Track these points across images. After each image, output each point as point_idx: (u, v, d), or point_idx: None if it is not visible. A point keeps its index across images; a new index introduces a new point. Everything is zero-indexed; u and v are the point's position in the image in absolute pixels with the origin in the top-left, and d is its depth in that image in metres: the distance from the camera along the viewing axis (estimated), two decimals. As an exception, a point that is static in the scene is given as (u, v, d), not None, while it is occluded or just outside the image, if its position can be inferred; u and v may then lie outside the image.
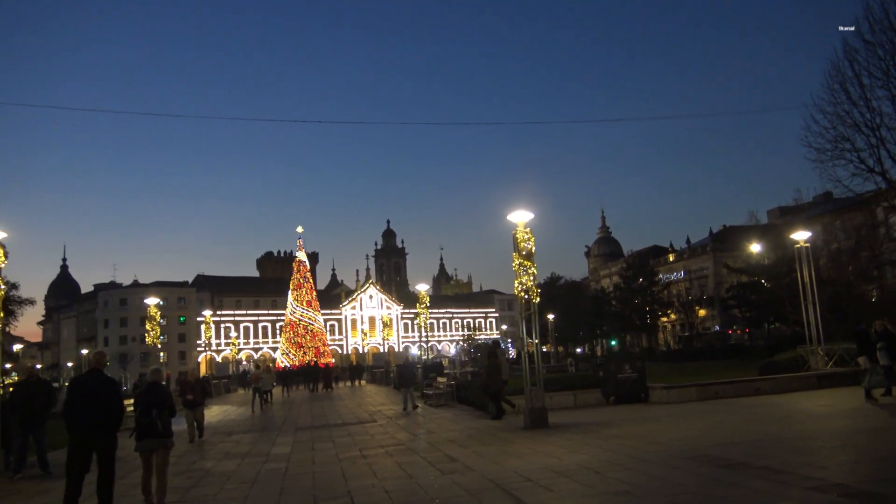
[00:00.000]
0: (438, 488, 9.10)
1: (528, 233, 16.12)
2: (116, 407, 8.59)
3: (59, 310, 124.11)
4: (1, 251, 14.65)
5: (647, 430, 13.80)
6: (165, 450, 8.99)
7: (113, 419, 8.48)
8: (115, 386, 8.92)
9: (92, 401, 8.38)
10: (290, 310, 71.60)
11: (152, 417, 8.78)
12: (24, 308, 37.77)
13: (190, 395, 17.24)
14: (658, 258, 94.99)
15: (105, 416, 8.38)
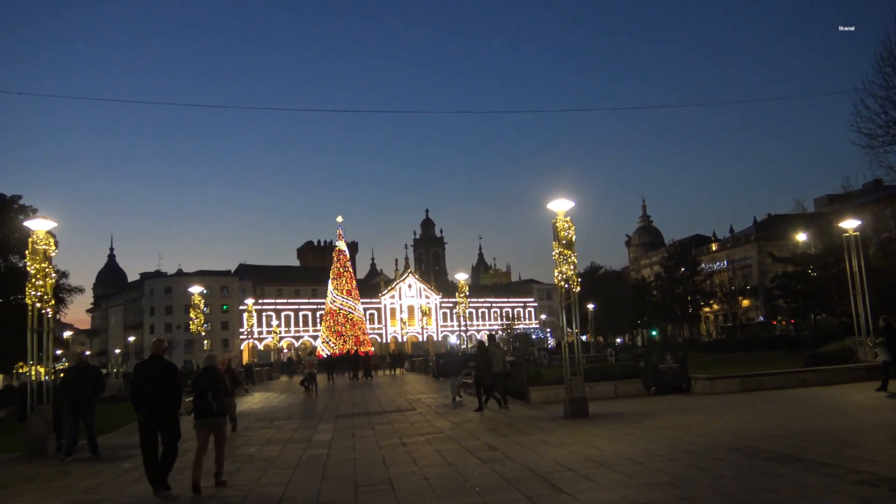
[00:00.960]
0: (478, 476, 9.12)
1: (568, 222, 16.00)
2: (175, 388, 9.35)
3: (106, 298, 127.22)
4: (51, 241, 15.04)
5: (689, 421, 13.63)
6: (220, 428, 9.64)
7: (172, 399, 9.29)
8: (174, 369, 9.71)
9: (154, 383, 9.18)
10: (330, 299, 72.30)
11: (208, 399, 9.39)
12: (73, 296, 38.69)
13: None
14: (700, 247, 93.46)
15: (165, 396, 9.16)
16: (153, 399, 9.14)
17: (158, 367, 9.38)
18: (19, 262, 31.96)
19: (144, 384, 9.28)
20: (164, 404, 9.20)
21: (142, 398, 9.21)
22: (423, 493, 8.30)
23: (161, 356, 9.60)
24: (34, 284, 14.41)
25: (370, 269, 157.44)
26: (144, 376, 9.38)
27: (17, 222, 30.73)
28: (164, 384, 9.21)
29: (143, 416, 9.23)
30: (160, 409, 9.17)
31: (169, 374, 9.38)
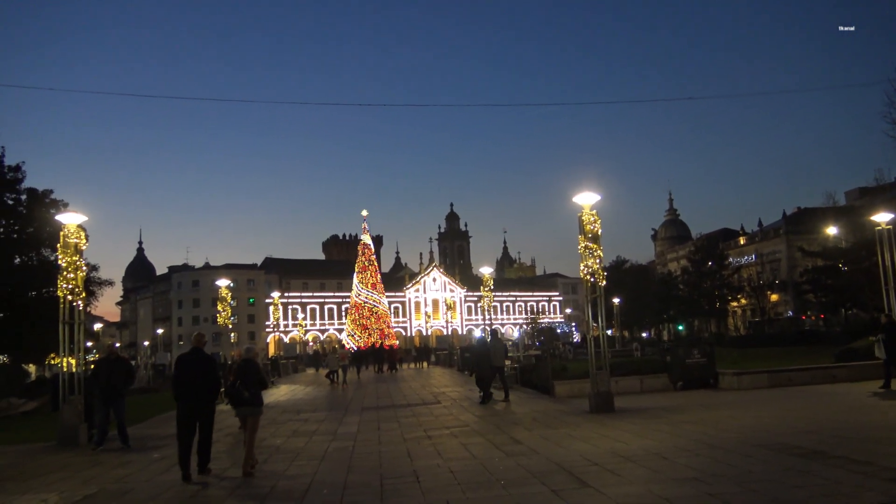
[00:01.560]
0: (503, 470, 9.11)
1: (594, 215, 15.90)
2: (214, 380, 10.05)
3: (135, 291, 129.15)
4: (82, 234, 15.27)
5: (716, 417, 13.49)
6: (255, 417, 10.18)
7: (211, 390, 9.95)
8: (213, 362, 10.31)
9: (194, 374, 9.79)
10: (355, 292, 72.70)
11: (237, 388, 10.02)
12: (103, 289, 39.25)
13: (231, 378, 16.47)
14: (728, 241, 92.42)
15: (205, 387, 9.81)
16: (194, 390, 9.69)
17: (199, 360, 9.97)
18: (51, 255, 32.52)
19: (186, 376, 9.81)
20: (204, 395, 9.80)
21: (183, 389, 9.73)
22: (448, 486, 8.31)
23: (201, 349, 10.21)
24: (65, 277, 14.66)
25: (395, 262, 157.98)
26: (186, 368, 9.90)
27: (49, 216, 31.25)
28: (204, 376, 9.81)
29: (183, 406, 9.75)
30: (200, 399, 9.74)
31: (209, 367, 9.99)
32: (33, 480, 10.35)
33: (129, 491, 9.10)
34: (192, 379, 9.76)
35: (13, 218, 33.84)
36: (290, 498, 8.20)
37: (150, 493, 8.85)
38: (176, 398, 9.84)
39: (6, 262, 31.28)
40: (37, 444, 14.77)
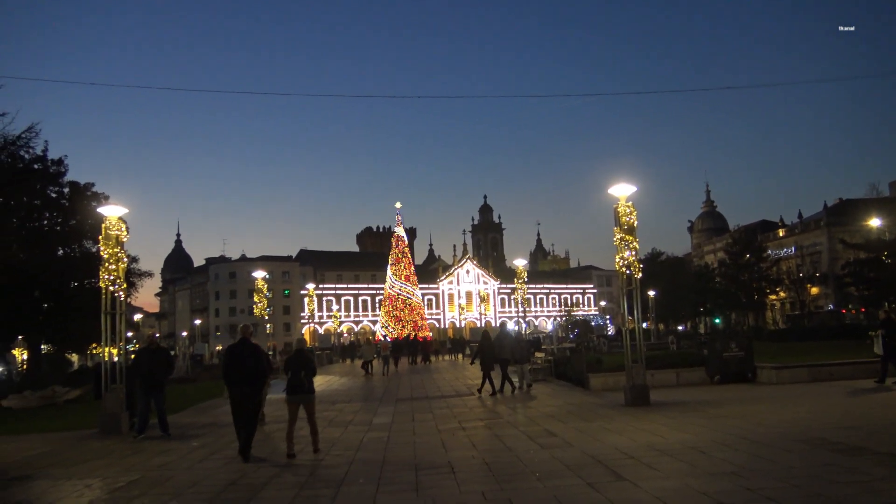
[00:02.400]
0: (538, 462, 9.10)
1: (629, 207, 15.75)
2: (261, 368, 10.62)
3: (174, 282, 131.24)
4: (123, 226, 15.56)
5: (755, 411, 13.30)
6: (310, 403, 10.76)
7: (258, 377, 10.59)
8: (260, 351, 10.80)
9: (243, 363, 10.46)
10: (388, 284, 72.99)
11: (300, 377, 10.56)
12: (143, 280, 39.95)
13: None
14: (767, 233, 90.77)
15: (253, 375, 10.47)
16: (242, 378, 10.40)
17: (247, 350, 10.58)
18: (92, 247, 33.21)
19: (235, 365, 10.50)
20: (252, 383, 10.46)
21: (233, 377, 10.48)
22: (483, 477, 8.32)
23: (249, 339, 10.79)
24: (107, 268, 14.96)
25: (428, 254, 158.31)
26: (235, 358, 10.58)
27: (91, 209, 31.90)
28: (251, 365, 10.46)
29: (234, 393, 10.51)
30: (248, 386, 10.42)
31: (256, 356, 10.58)
32: (77, 466, 10.61)
33: (169, 478, 9.28)
34: (241, 367, 10.43)
35: (56, 211, 34.61)
36: (326, 486, 8.29)
37: (191, 480, 9.02)
38: (227, 385, 10.66)
39: (50, 254, 32.02)
40: (80, 432, 15.14)
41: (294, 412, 10.65)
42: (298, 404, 10.67)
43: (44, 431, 15.72)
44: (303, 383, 10.60)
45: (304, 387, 10.62)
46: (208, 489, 8.44)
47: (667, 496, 6.84)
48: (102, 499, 8.27)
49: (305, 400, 10.71)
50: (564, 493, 7.22)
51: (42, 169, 33.27)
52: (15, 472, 10.36)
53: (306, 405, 10.74)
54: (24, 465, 10.99)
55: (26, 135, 29.89)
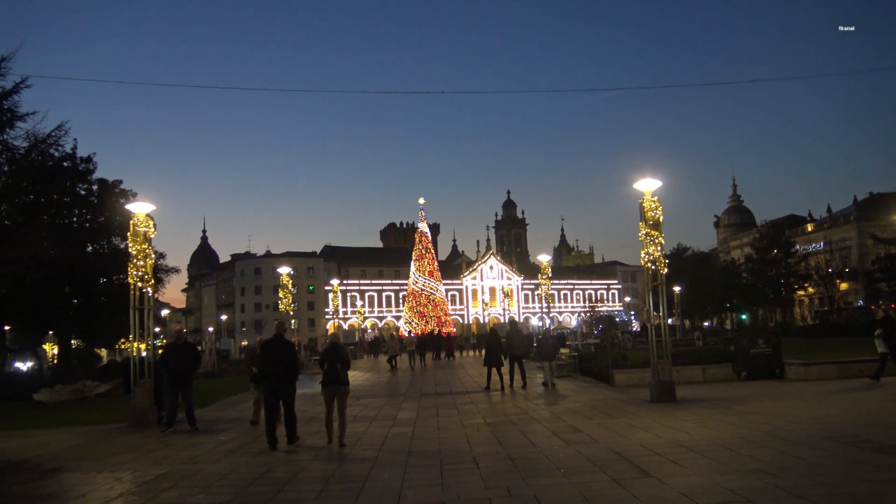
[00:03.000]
0: (563, 458, 9.07)
1: (655, 201, 15.61)
2: (294, 363, 11.20)
3: (200, 278, 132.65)
4: (150, 223, 15.74)
5: (783, 408, 13.15)
6: (344, 394, 11.10)
7: (292, 372, 11.07)
8: (293, 347, 11.46)
9: (277, 358, 10.98)
10: (412, 280, 73.15)
11: (337, 369, 10.94)
12: (170, 276, 40.41)
13: (256, 368, 13.84)
14: (795, 228, 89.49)
15: (287, 369, 10.96)
16: (277, 372, 10.89)
17: (281, 345, 11.12)
18: (120, 243, 33.67)
19: (270, 359, 11.06)
20: (286, 376, 10.92)
21: (267, 371, 11.05)
22: (508, 473, 8.32)
23: (282, 335, 11.32)
24: (135, 265, 15.16)
25: (452, 250, 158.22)
26: (269, 353, 11.15)
27: (119, 206, 32.34)
28: (285, 359, 10.98)
29: (268, 386, 11.09)
30: (282, 380, 10.89)
31: (289, 351, 11.20)
32: (108, 459, 10.78)
33: (198, 471, 9.39)
34: (275, 362, 10.93)
35: (85, 208, 35.10)
36: (351, 480, 8.34)
37: (219, 473, 9.12)
38: (262, 379, 11.28)
39: (79, 250, 32.50)
40: (110, 426, 15.38)
41: (330, 402, 11.05)
42: (334, 395, 11.01)
43: (74, 425, 15.99)
44: (339, 375, 10.98)
45: (339, 379, 10.98)
46: (236, 482, 8.54)
47: (693, 493, 6.79)
48: (132, 491, 8.40)
49: (340, 391, 11.02)
50: (590, 490, 7.19)
51: (71, 167, 33.77)
52: (48, 465, 10.56)
53: (339, 397, 11.02)
54: (56, 458, 11.19)
55: (56, 133, 30.26)
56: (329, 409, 11.13)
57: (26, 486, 8.96)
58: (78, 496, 8.27)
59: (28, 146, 29.26)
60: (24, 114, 28.16)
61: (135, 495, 8.16)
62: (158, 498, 7.91)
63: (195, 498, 7.82)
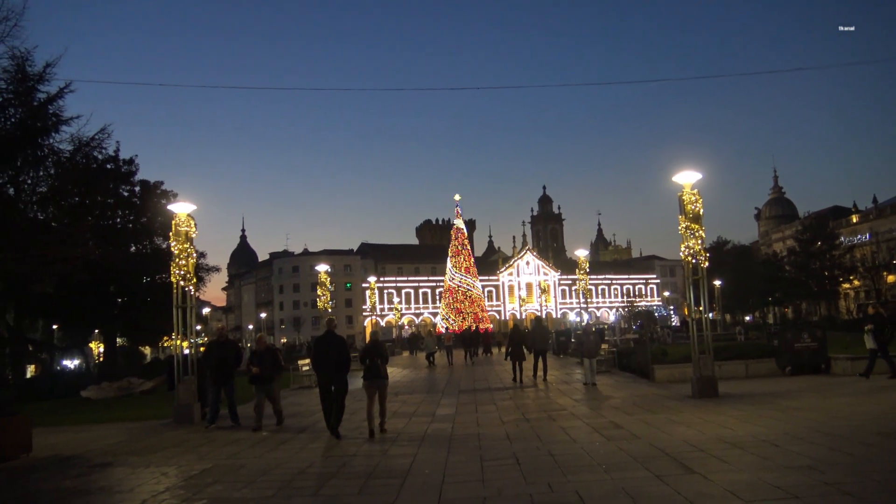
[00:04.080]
0: (604, 454, 9.00)
1: (695, 194, 15.38)
2: (345, 356, 11.90)
3: (239, 276, 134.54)
4: (192, 222, 15.99)
5: (830, 404, 12.86)
6: (384, 387, 11.87)
7: (343, 365, 11.83)
8: (344, 342, 12.12)
9: (329, 352, 11.67)
10: (448, 276, 73.22)
11: (377, 364, 11.68)
12: (211, 275, 41.14)
13: (256, 368, 13.41)
14: (839, 219, 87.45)
15: (338, 363, 11.70)
16: (329, 365, 11.64)
17: (332, 340, 11.79)
18: (162, 243, 34.28)
19: (322, 353, 11.74)
20: (337, 369, 11.69)
21: (320, 365, 11.80)
22: (548, 469, 8.28)
23: (333, 331, 11.98)
24: (178, 264, 15.42)
25: (488, 246, 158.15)
26: (322, 347, 11.82)
27: (161, 206, 32.93)
28: (336, 354, 11.67)
29: (321, 378, 11.92)
30: (334, 373, 11.66)
31: (340, 346, 11.86)
32: (153, 455, 11.00)
33: (241, 466, 9.53)
34: (327, 356, 11.63)
35: (128, 209, 35.81)
36: (392, 476, 8.38)
37: (261, 469, 9.24)
38: (315, 372, 12.19)
39: (123, 250, 33.18)
40: (155, 422, 15.71)
41: (372, 395, 11.71)
42: (375, 388, 11.69)
43: (121, 421, 16.36)
44: (379, 370, 11.68)
45: (380, 373, 11.69)
46: (279, 477, 8.64)
47: (739, 490, 6.68)
48: (178, 486, 8.55)
49: (381, 384, 11.74)
50: (632, 486, 7.12)
51: (114, 169, 34.49)
52: (97, 460, 10.82)
53: (380, 389, 11.77)
54: (104, 453, 11.46)
55: (99, 136, 31.00)
56: (371, 402, 11.71)
57: (77, 480, 9.19)
58: (126, 490, 8.45)
59: (73, 149, 30.04)
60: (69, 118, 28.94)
61: (181, 489, 8.31)
62: (204, 492, 8.04)
63: (240, 493, 7.94)
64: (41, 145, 28.63)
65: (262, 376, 13.36)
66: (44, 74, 27.29)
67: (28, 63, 26.58)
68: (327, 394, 11.78)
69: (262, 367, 13.37)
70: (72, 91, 28.61)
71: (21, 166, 27.98)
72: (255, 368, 13.36)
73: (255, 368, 13.34)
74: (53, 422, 16.69)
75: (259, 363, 13.39)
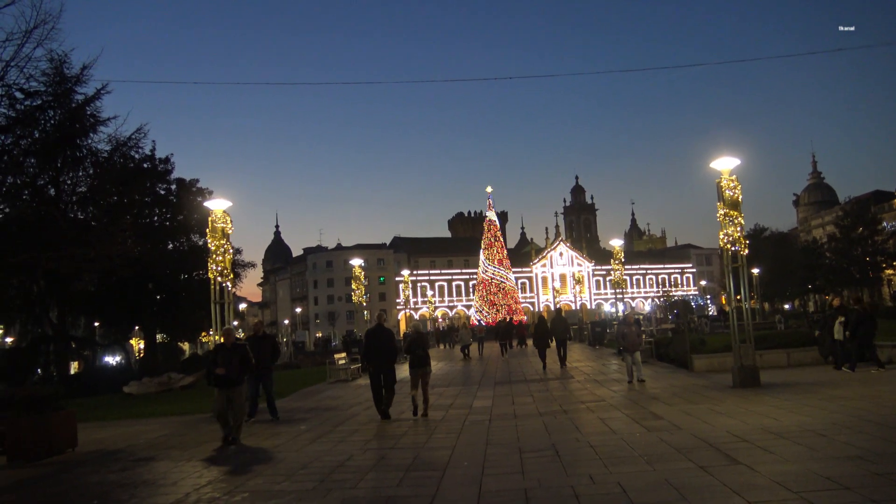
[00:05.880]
0: (645, 445, 8.87)
1: (733, 181, 15.08)
2: (393, 347, 13.12)
3: (274, 272, 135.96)
4: (228, 219, 16.12)
5: (878, 392, 12.54)
6: (426, 374, 13.06)
7: (392, 355, 13.09)
8: (392, 334, 13.31)
9: (379, 344, 12.81)
10: (482, 268, 73.17)
11: (420, 353, 12.94)
12: (246, 271, 41.62)
13: (221, 370, 11.15)
14: (881, 204, 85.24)
15: (388, 353, 12.90)
16: (380, 355, 12.75)
17: (382, 332, 12.93)
18: (199, 240, 34.73)
19: (373, 344, 12.84)
20: (388, 359, 12.86)
21: (372, 355, 12.85)
22: (589, 460, 8.18)
23: (382, 325, 13.07)
24: (215, 260, 15.56)
25: (520, 238, 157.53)
26: (373, 339, 12.94)
27: (197, 204, 33.35)
28: (386, 345, 12.84)
29: (372, 367, 12.84)
30: (385, 362, 12.77)
31: (389, 338, 13.01)
32: (194, 448, 11.14)
33: (281, 460, 9.60)
34: (378, 346, 12.74)
35: (165, 207, 36.37)
36: (432, 468, 8.36)
37: (301, 462, 9.29)
38: (368, 361, 13.04)
39: (161, 248, 33.71)
40: (195, 416, 15.92)
41: (415, 381, 12.97)
42: (419, 375, 12.91)
43: (162, 416, 16.61)
44: (422, 358, 12.88)
45: (423, 360, 12.89)
46: (318, 471, 8.67)
47: (787, 481, 6.52)
48: (220, 479, 8.64)
49: (424, 372, 12.94)
50: (676, 477, 6.99)
51: (151, 168, 35.04)
52: (140, 454, 10.99)
53: (424, 376, 12.94)
54: (147, 447, 11.64)
55: (136, 136, 31.52)
56: (413, 386, 13.03)
57: (122, 474, 9.34)
58: (170, 483, 8.56)
59: (110, 149, 30.59)
60: (106, 119, 29.48)
61: (223, 483, 8.39)
62: (245, 486, 8.10)
63: (280, 485, 7.98)
64: (80, 146, 29.21)
65: (227, 378, 11.12)
66: (81, 76, 27.82)
67: (66, 65, 27.11)
68: (378, 381, 12.74)
69: (229, 367, 11.16)
70: (108, 92, 29.13)
71: (61, 167, 28.56)
72: (219, 369, 11.11)
73: (220, 369, 11.10)
74: (97, 417, 17.02)
75: (225, 362, 11.18)
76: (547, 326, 24.03)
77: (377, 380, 12.80)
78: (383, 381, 12.77)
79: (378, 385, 12.80)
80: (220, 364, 11.21)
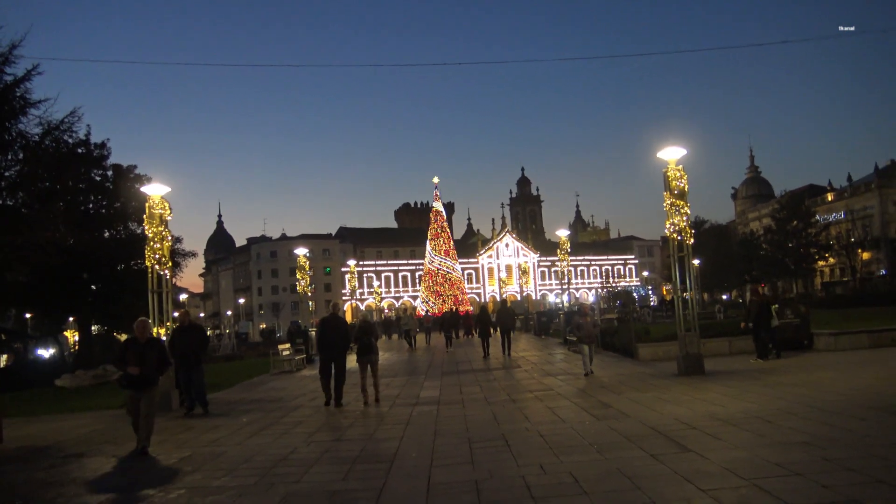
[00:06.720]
0: (595, 433, 8.81)
1: (680, 170, 15.19)
2: (346, 337, 13.45)
3: (217, 262, 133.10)
4: (166, 205, 15.50)
5: (818, 378, 12.79)
6: (375, 362, 13.40)
7: (344, 344, 13.39)
8: (346, 324, 13.74)
9: (332, 333, 13.15)
10: (428, 259, 72.98)
11: (367, 343, 13.26)
12: (187, 260, 40.31)
13: (135, 369, 9.48)
14: (814, 198, 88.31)
15: (339, 342, 13.21)
16: (331, 344, 13.13)
17: (336, 321, 13.35)
18: (137, 228, 33.55)
19: (326, 334, 13.24)
20: (339, 348, 13.19)
21: (324, 344, 13.33)
22: (539, 450, 8.06)
23: (336, 314, 13.54)
24: (152, 247, 14.95)
25: (467, 229, 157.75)
26: (326, 328, 13.32)
27: (135, 191, 32.15)
28: (339, 334, 13.19)
29: (323, 356, 13.29)
30: (336, 351, 13.11)
31: (343, 327, 13.42)
32: (130, 443, 10.60)
33: (221, 454, 9.21)
34: (331, 336, 13.08)
35: (101, 194, 34.95)
36: (379, 460, 8.11)
37: (242, 456, 8.93)
38: (319, 349, 13.45)
39: (97, 236, 32.43)
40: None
41: (364, 369, 13.21)
42: (367, 363, 13.20)
43: (96, 409, 15.91)
44: (371, 346, 13.21)
45: (371, 349, 13.23)
46: (260, 465, 8.34)
47: (738, 468, 6.49)
48: (155, 475, 8.22)
49: (372, 360, 13.26)
50: (628, 466, 6.92)
51: (86, 153, 33.53)
52: (70, 450, 10.45)
53: (372, 364, 13.27)
54: (79, 443, 11.09)
55: (69, 119, 30.05)
56: (363, 376, 13.20)
57: (50, 471, 8.82)
58: (101, 480, 8.10)
59: (42, 133, 29.07)
60: (37, 101, 28.00)
61: (158, 479, 7.97)
62: (182, 481, 7.72)
63: (220, 481, 7.63)
64: (9, 129, 27.78)
65: (142, 378, 9.56)
66: (9, 56, 26.42)
67: (-9, 44, 25.66)
68: (328, 370, 13.04)
69: (145, 365, 9.56)
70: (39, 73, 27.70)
71: (-12, 151, 27.14)
72: (132, 368, 9.46)
73: (135, 368, 9.45)
74: (26, 412, 16.20)
75: (139, 360, 9.54)
76: (489, 316, 25.35)
77: (327, 368, 13.03)
78: (334, 369, 13.00)
79: (328, 373, 13.04)
80: (133, 362, 9.49)
